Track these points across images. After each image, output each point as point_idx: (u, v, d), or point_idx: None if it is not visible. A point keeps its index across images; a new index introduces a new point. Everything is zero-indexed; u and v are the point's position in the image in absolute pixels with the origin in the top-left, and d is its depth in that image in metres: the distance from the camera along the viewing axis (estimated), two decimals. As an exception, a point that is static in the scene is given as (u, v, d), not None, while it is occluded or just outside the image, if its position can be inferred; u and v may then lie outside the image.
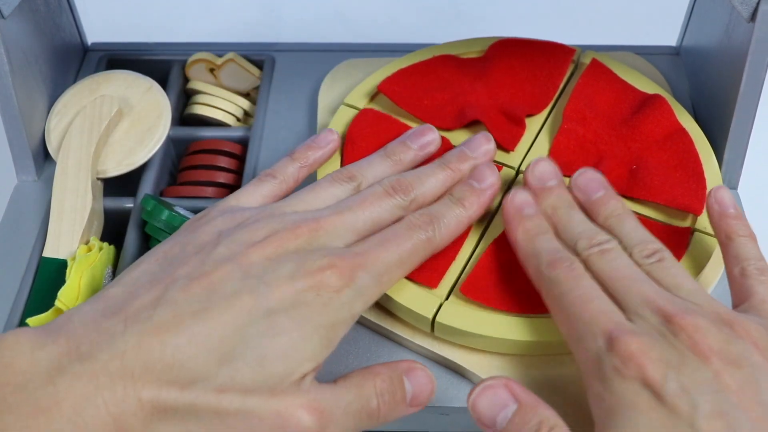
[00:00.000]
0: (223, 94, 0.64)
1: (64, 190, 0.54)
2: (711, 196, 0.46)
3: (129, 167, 0.57)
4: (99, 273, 0.49)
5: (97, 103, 0.57)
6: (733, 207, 0.45)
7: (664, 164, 0.54)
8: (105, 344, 0.34)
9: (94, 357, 0.33)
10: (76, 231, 0.52)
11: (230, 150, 0.61)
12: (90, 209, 0.53)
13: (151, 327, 0.35)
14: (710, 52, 0.59)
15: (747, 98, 0.53)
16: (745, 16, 0.50)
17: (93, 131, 0.56)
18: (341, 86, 0.61)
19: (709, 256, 0.49)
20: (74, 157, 0.55)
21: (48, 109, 0.60)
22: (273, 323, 0.36)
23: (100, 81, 0.60)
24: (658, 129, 0.55)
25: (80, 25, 0.67)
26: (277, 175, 0.47)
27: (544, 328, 0.45)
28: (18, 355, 0.33)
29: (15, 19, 0.55)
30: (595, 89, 0.58)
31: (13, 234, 0.55)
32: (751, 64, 0.51)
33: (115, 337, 0.34)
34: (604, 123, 0.56)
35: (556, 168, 0.48)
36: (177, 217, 0.53)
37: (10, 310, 0.51)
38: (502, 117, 0.57)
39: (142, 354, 0.34)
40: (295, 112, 0.63)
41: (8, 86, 0.54)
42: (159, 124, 0.58)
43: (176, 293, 0.36)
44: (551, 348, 0.45)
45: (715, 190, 0.46)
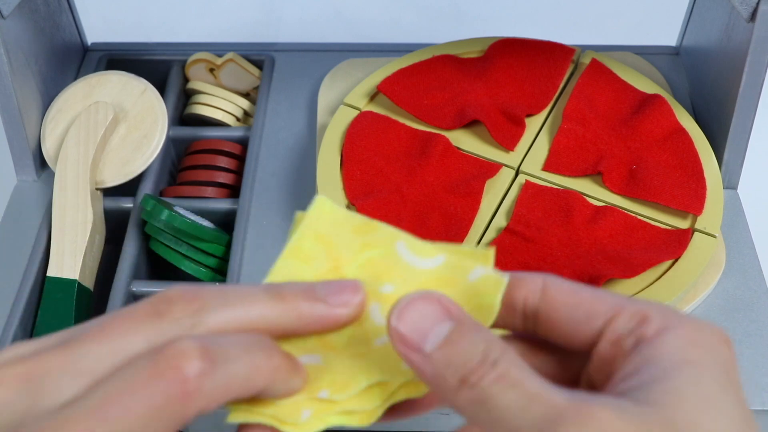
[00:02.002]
0: (223, 94, 0.64)
1: (64, 206, 0.53)
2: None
3: (127, 176, 0.57)
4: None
5: (91, 111, 0.57)
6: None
7: (664, 164, 0.54)
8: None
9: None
10: (78, 249, 0.52)
11: (230, 150, 0.61)
12: (91, 225, 0.53)
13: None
14: (710, 52, 0.59)
15: (747, 98, 0.53)
16: (744, 16, 0.50)
17: (89, 141, 0.55)
18: (341, 86, 0.61)
19: (709, 256, 0.49)
20: (72, 170, 0.54)
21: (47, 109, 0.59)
22: None
23: (94, 84, 0.59)
24: (658, 129, 0.55)
25: (80, 24, 0.67)
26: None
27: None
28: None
29: (15, 19, 0.55)
30: (594, 89, 0.58)
31: (13, 234, 0.55)
32: (750, 64, 0.51)
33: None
34: (604, 123, 0.56)
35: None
36: (177, 217, 0.53)
37: (10, 309, 0.51)
38: (502, 117, 0.57)
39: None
40: (295, 112, 0.63)
41: (8, 86, 0.54)
42: (155, 130, 0.58)
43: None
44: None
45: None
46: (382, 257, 0.32)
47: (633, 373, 0.26)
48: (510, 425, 0.25)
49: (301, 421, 0.29)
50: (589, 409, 0.24)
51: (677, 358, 0.26)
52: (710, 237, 0.50)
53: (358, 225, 0.32)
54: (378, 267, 0.32)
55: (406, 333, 0.28)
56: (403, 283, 0.31)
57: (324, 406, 0.30)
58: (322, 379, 0.30)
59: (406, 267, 0.31)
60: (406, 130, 0.56)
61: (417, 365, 0.28)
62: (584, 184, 0.53)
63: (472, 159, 0.55)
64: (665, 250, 0.49)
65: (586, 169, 0.54)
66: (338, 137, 0.56)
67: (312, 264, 0.31)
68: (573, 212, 0.50)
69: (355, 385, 0.30)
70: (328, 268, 0.31)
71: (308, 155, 0.60)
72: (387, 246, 0.32)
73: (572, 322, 0.29)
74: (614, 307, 0.28)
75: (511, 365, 0.26)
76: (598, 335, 0.28)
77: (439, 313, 0.28)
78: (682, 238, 0.49)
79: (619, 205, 0.52)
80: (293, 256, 0.31)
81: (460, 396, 0.27)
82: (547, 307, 0.29)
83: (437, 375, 0.27)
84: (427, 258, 0.31)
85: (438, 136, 0.55)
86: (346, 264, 0.31)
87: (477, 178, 0.53)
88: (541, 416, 0.25)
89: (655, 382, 0.25)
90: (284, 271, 0.31)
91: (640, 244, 0.49)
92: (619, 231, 0.50)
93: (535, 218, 0.51)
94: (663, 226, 0.51)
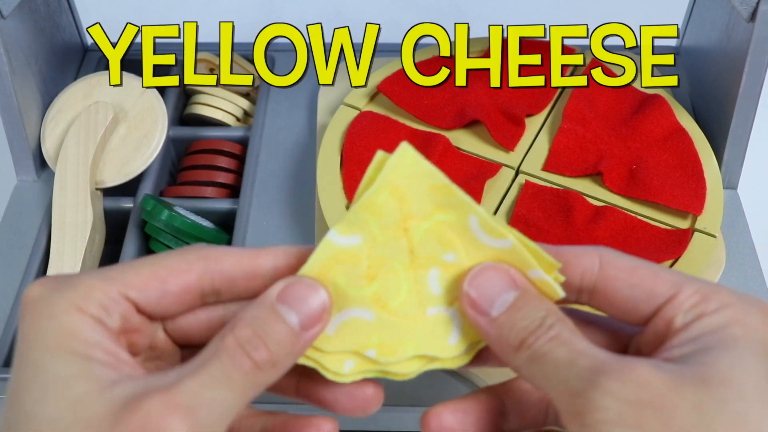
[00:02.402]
0: (223, 94, 0.64)
1: (64, 206, 0.53)
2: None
3: (127, 176, 0.57)
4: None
5: (91, 111, 0.57)
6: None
7: (664, 164, 0.54)
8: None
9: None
10: (78, 249, 0.52)
11: (230, 150, 0.61)
12: (91, 225, 0.53)
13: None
14: (710, 52, 0.59)
15: (747, 98, 0.53)
16: (744, 16, 0.50)
17: (89, 141, 0.55)
18: (341, 86, 0.61)
19: (709, 256, 0.49)
20: (72, 171, 0.54)
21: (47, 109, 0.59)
22: None
23: (94, 84, 0.59)
24: (658, 129, 0.55)
25: (80, 25, 0.67)
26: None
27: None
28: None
29: (15, 19, 0.55)
30: (595, 89, 0.58)
31: (13, 234, 0.55)
32: (750, 64, 0.51)
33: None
34: (604, 123, 0.56)
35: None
36: (177, 217, 0.53)
37: (11, 310, 0.51)
38: (502, 117, 0.57)
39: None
40: (295, 112, 0.63)
41: (8, 86, 0.54)
42: (155, 130, 0.58)
43: None
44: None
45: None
46: (452, 224, 0.32)
47: (681, 344, 0.28)
48: (559, 377, 0.28)
49: (343, 372, 0.31)
50: (630, 363, 0.27)
51: (726, 333, 0.28)
52: (710, 237, 0.50)
53: (437, 185, 0.32)
54: (445, 234, 0.32)
55: (476, 298, 0.31)
56: (467, 255, 0.32)
57: (367, 362, 0.32)
58: (372, 337, 0.32)
59: (473, 240, 0.32)
60: (406, 130, 0.56)
61: (482, 327, 0.31)
62: (584, 184, 0.53)
63: (472, 159, 0.55)
64: (665, 250, 0.49)
65: (586, 169, 0.54)
66: (338, 137, 0.56)
67: (382, 218, 0.32)
68: (573, 212, 0.50)
69: (402, 353, 0.31)
70: (396, 223, 0.32)
71: (308, 155, 0.60)
72: (461, 215, 0.32)
73: (631, 300, 0.30)
74: (675, 285, 0.30)
75: (564, 329, 0.29)
76: (657, 311, 0.30)
77: (507, 282, 0.31)
78: (682, 238, 0.49)
79: (619, 205, 0.52)
80: (366, 208, 0.31)
81: (518, 356, 0.29)
82: (605, 285, 0.31)
83: (500, 337, 0.30)
84: (496, 238, 0.32)
85: (438, 136, 0.55)
86: (415, 223, 0.32)
87: (477, 178, 0.53)
88: (586, 367, 0.27)
89: (701, 352, 0.27)
90: (354, 222, 0.31)
91: (640, 244, 0.49)
92: (619, 231, 0.50)
93: (535, 218, 0.51)
94: (663, 226, 0.51)
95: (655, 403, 0.25)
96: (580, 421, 0.26)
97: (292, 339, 0.29)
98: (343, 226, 0.31)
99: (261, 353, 0.28)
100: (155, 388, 0.27)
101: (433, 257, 0.32)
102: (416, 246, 0.32)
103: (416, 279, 0.32)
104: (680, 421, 0.25)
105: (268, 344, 0.28)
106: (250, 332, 0.28)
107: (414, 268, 0.32)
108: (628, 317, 0.31)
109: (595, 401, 0.26)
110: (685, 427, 0.25)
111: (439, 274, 0.32)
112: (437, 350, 0.32)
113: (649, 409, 0.25)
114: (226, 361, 0.28)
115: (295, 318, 0.29)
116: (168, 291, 0.30)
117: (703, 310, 0.29)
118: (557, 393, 0.28)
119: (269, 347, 0.28)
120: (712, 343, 0.27)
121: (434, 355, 0.31)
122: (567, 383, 0.27)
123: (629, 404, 0.25)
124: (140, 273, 0.30)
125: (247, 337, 0.28)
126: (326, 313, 0.30)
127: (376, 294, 0.32)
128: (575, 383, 0.27)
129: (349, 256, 0.32)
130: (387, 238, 0.32)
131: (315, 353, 0.31)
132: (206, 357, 0.28)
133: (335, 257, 0.31)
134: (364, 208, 0.31)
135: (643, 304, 0.30)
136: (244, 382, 0.28)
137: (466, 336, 0.32)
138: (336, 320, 0.32)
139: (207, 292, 0.31)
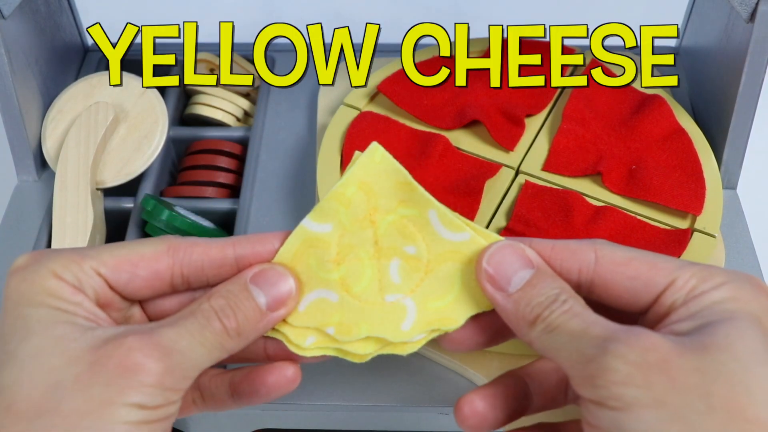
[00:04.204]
0: (223, 94, 0.64)
1: (64, 206, 0.53)
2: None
3: (128, 177, 0.57)
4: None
5: (92, 111, 0.57)
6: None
7: (663, 164, 0.54)
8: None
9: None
10: None
11: (230, 150, 0.61)
12: (92, 225, 0.53)
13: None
14: (709, 52, 0.59)
15: (746, 98, 0.53)
16: (744, 16, 0.50)
17: (90, 141, 0.55)
18: (341, 86, 0.61)
19: (708, 256, 0.49)
20: (72, 171, 0.54)
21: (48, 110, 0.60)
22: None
23: (94, 84, 0.59)
24: (657, 129, 0.55)
25: (80, 25, 0.67)
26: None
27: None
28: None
29: (15, 19, 0.55)
30: (594, 89, 0.58)
31: (13, 234, 0.55)
32: (750, 65, 0.52)
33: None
34: (603, 123, 0.57)
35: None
36: (177, 217, 0.53)
37: (11, 309, 0.51)
38: (502, 117, 0.57)
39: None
40: (295, 112, 0.63)
41: (9, 86, 0.54)
42: (156, 131, 0.58)
43: None
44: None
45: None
46: (413, 219, 0.35)
47: (681, 320, 0.30)
48: (572, 346, 0.30)
49: (305, 345, 0.34)
50: (638, 331, 0.29)
51: (722, 308, 0.30)
52: (710, 237, 0.50)
53: (401, 181, 0.35)
54: (408, 228, 0.35)
55: (494, 274, 0.33)
56: (427, 248, 0.35)
57: (326, 339, 0.34)
58: (333, 317, 0.34)
59: (432, 234, 0.35)
60: (406, 131, 0.56)
61: (499, 302, 0.33)
62: (584, 184, 0.53)
63: (472, 159, 0.55)
64: (665, 250, 0.49)
65: (585, 169, 0.54)
66: (338, 137, 0.56)
67: (350, 208, 0.35)
68: (573, 212, 0.51)
69: (357, 333, 0.34)
70: (364, 215, 0.35)
71: (308, 155, 0.60)
72: (421, 209, 0.35)
73: (630, 291, 0.32)
74: (671, 272, 0.32)
75: (576, 304, 0.31)
76: (656, 299, 0.32)
77: (523, 261, 0.33)
78: (681, 238, 0.49)
79: (618, 205, 0.52)
80: (336, 198, 0.35)
81: (533, 329, 0.31)
82: (602, 278, 0.33)
83: (516, 311, 0.32)
84: (454, 231, 0.35)
85: (438, 136, 0.55)
86: (380, 216, 0.35)
87: (477, 178, 0.53)
88: (599, 336, 0.29)
89: (700, 326, 0.29)
90: (325, 211, 0.35)
91: (640, 244, 0.50)
92: (618, 231, 0.50)
93: (534, 218, 0.51)
94: (662, 226, 0.51)
95: (661, 365, 0.28)
96: (592, 384, 0.28)
97: (258, 316, 0.33)
98: (315, 214, 0.35)
99: (230, 321, 0.32)
100: (135, 331, 0.30)
101: (396, 248, 0.35)
102: (381, 237, 0.35)
103: (379, 267, 0.35)
104: (684, 381, 0.27)
105: (237, 315, 0.32)
106: (223, 302, 0.32)
107: (378, 257, 0.35)
108: (628, 307, 0.33)
109: (607, 364, 0.28)
110: (688, 386, 0.27)
111: (399, 264, 0.35)
112: (389, 333, 0.34)
113: (656, 370, 0.27)
114: (201, 320, 0.32)
115: (264, 299, 0.33)
116: (137, 275, 0.33)
117: (700, 291, 0.31)
118: (570, 361, 0.30)
119: (237, 318, 0.32)
120: (710, 317, 0.29)
121: (385, 338, 0.34)
122: (580, 351, 0.29)
123: (637, 366, 0.28)
124: (114, 255, 0.33)
125: (220, 305, 0.32)
126: (292, 300, 0.34)
127: (342, 278, 0.35)
128: (588, 350, 0.29)
129: (321, 242, 0.35)
130: (355, 228, 0.35)
131: (284, 326, 0.34)
132: (184, 315, 0.32)
133: (308, 241, 0.35)
134: (333, 198, 0.34)
135: (642, 294, 0.32)
136: (213, 342, 0.32)
137: (419, 324, 0.34)
138: (306, 299, 0.35)
139: (177, 280, 0.34)
